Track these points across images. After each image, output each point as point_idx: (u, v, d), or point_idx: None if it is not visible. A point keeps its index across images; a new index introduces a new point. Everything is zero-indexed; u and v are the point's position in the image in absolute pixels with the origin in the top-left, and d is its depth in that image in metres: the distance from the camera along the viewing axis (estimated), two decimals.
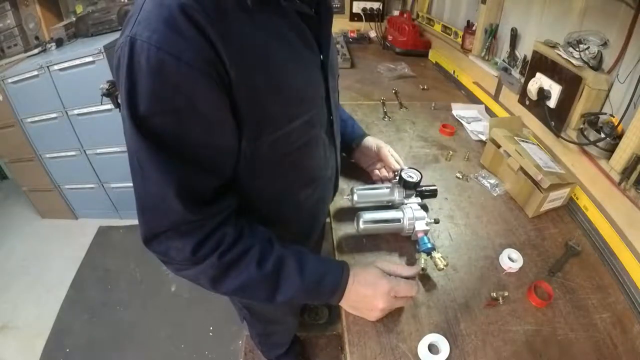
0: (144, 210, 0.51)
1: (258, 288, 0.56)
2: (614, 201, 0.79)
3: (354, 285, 0.60)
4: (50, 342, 1.64)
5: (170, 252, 0.52)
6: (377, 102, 1.42)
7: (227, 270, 0.54)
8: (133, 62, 0.42)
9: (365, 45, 2.16)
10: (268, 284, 0.56)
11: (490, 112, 1.34)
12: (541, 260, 0.78)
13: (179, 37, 0.42)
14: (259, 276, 0.55)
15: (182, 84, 0.43)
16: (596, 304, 0.70)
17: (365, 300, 0.61)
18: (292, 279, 0.57)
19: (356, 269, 0.62)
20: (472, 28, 1.48)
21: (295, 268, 0.57)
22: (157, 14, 0.42)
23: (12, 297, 1.85)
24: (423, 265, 0.72)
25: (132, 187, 0.50)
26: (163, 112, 0.45)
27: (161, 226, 0.50)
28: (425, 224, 0.77)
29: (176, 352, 1.57)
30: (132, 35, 0.42)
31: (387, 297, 0.60)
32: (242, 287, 0.55)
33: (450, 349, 0.61)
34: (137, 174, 0.48)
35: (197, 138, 0.48)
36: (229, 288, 0.56)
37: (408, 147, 1.15)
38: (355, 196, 0.83)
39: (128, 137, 0.47)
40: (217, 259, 0.52)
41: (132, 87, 0.43)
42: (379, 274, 0.62)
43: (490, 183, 0.99)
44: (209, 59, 0.43)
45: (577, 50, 0.87)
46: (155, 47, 0.41)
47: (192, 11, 0.42)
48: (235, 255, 0.54)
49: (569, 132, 0.93)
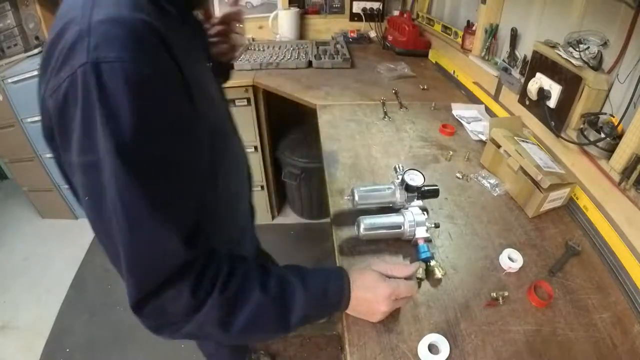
0: (134, 268, 0.44)
1: (269, 316, 0.51)
2: (614, 201, 0.79)
3: (353, 292, 0.58)
4: (50, 342, 1.64)
5: (167, 308, 0.45)
6: (377, 102, 1.42)
7: (233, 305, 0.48)
8: (106, 89, 0.37)
9: (365, 45, 2.16)
10: (277, 307, 0.52)
11: (490, 112, 1.34)
12: (541, 260, 0.78)
13: (151, 50, 0.40)
14: (266, 301, 0.50)
15: (166, 97, 0.41)
16: (596, 304, 0.70)
17: (366, 305, 0.59)
18: (298, 295, 0.53)
19: (354, 274, 0.59)
20: (472, 28, 1.48)
21: (299, 283, 0.54)
22: (118, 33, 0.38)
23: (12, 297, 1.85)
24: (420, 275, 0.72)
25: (107, 250, 0.44)
26: (155, 131, 0.40)
27: (157, 278, 0.44)
28: (425, 230, 0.77)
29: (176, 352, 1.57)
30: (93, 60, 0.36)
31: (389, 300, 0.58)
32: (254, 320, 0.49)
33: (450, 349, 0.61)
34: (122, 226, 0.41)
35: (183, 154, 0.44)
36: (240, 326, 0.49)
37: (408, 147, 1.15)
38: (356, 197, 0.83)
39: (110, 181, 0.39)
40: (219, 294, 0.47)
41: (112, 116, 0.37)
42: (378, 277, 0.59)
43: (490, 183, 0.99)
44: (174, 69, 0.42)
45: (577, 50, 0.87)
46: (132, 63, 0.37)
47: (152, 24, 0.40)
48: (236, 286, 0.49)
49: (569, 132, 0.93)
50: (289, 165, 1.98)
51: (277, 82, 1.60)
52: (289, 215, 2.34)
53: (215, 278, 0.47)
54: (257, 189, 2.09)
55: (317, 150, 1.19)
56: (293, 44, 2.01)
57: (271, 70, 1.73)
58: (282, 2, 2.12)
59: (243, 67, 1.73)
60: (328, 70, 1.75)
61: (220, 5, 2.14)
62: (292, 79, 1.64)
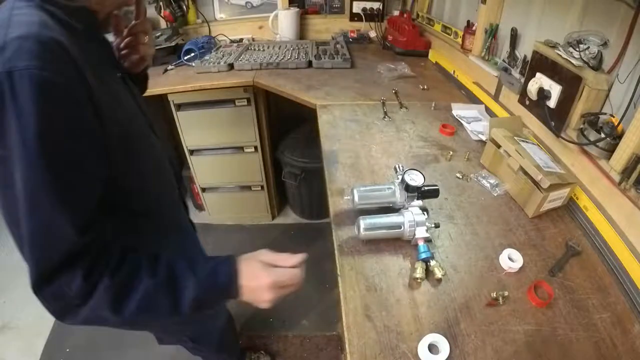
0: (33, 251, 0.49)
1: (159, 298, 0.56)
2: (614, 201, 0.79)
3: (241, 280, 0.61)
4: (50, 342, 1.65)
5: (64, 292, 0.50)
6: (377, 102, 1.42)
7: (124, 290, 0.53)
8: (16, 92, 0.43)
9: (365, 45, 2.16)
10: (167, 290, 0.56)
11: (490, 112, 1.34)
12: (541, 260, 0.78)
13: (56, 61, 0.46)
14: (156, 284, 0.55)
15: (69, 101, 0.47)
16: (596, 304, 0.70)
17: (252, 293, 0.61)
18: (187, 279, 0.57)
19: (240, 264, 0.62)
20: (472, 28, 1.48)
21: (187, 267, 0.58)
22: (29, 46, 0.45)
23: (12, 297, 1.85)
24: (420, 275, 0.72)
25: (14, 238, 0.49)
26: (57, 130, 0.47)
27: (52, 262, 0.49)
28: (425, 230, 0.77)
29: (176, 351, 1.57)
30: (7, 70, 0.43)
31: (272, 289, 0.60)
32: (144, 302, 0.54)
33: (450, 349, 0.61)
34: (24, 212, 0.47)
35: (82, 153, 0.50)
36: (132, 308, 0.54)
37: (408, 147, 1.15)
38: (355, 197, 0.83)
39: (17, 171, 0.45)
40: (109, 279, 0.52)
41: (21, 114, 0.44)
42: (261, 266, 0.62)
43: (490, 183, 0.99)
44: (77, 78, 0.49)
45: (577, 50, 0.87)
46: (39, 70, 0.44)
47: (59, 40, 0.47)
48: (126, 272, 0.54)
49: (569, 132, 0.93)
50: (289, 165, 1.98)
51: (277, 82, 1.60)
52: (289, 215, 2.34)
53: (107, 265, 0.53)
54: (257, 189, 2.09)
55: (317, 150, 1.19)
56: (293, 44, 2.01)
57: (271, 70, 1.73)
58: (282, 2, 2.12)
59: (243, 67, 1.73)
60: (328, 70, 1.75)
61: (220, 5, 2.15)
62: (292, 79, 1.64)
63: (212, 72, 1.70)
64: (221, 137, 1.87)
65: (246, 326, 1.70)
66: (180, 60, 1.78)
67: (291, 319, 1.73)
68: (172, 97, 1.69)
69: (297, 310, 1.75)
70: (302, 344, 1.63)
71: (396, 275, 0.75)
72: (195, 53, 1.79)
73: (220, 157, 1.94)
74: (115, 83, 0.66)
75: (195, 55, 1.79)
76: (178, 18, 1.96)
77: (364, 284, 0.72)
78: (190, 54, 1.79)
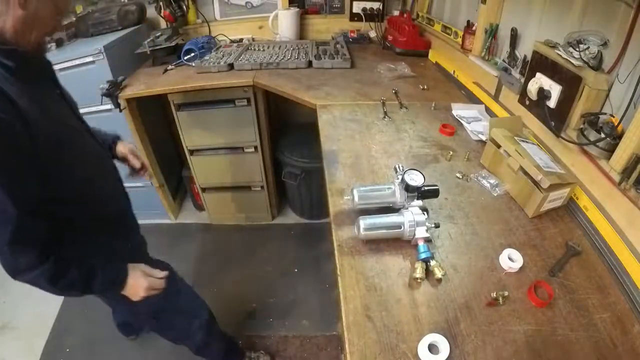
0: None
1: (78, 282, 0.79)
2: (614, 201, 0.79)
3: (128, 278, 0.87)
4: (50, 342, 1.65)
5: (18, 259, 0.70)
6: (377, 102, 1.42)
7: (59, 271, 0.75)
8: None
9: (365, 45, 2.16)
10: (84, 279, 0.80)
11: (490, 112, 1.34)
12: (541, 260, 0.78)
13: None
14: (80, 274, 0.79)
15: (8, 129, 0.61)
16: (596, 304, 0.70)
17: (132, 289, 0.88)
18: (97, 275, 0.81)
19: (130, 270, 0.88)
20: (472, 28, 1.48)
21: (101, 267, 0.82)
22: None
23: (12, 297, 1.85)
24: (420, 275, 0.72)
25: None
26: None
27: (6, 235, 0.66)
28: (425, 230, 0.77)
29: (176, 351, 1.57)
30: None
31: (144, 289, 0.89)
32: (69, 283, 0.77)
33: (450, 349, 0.61)
34: None
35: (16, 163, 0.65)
36: (61, 286, 0.76)
37: (408, 147, 1.15)
38: (355, 197, 0.83)
39: None
40: (53, 263, 0.73)
41: None
42: (141, 274, 0.89)
43: (490, 183, 0.99)
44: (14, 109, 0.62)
45: (577, 50, 0.87)
46: None
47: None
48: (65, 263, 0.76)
49: (569, 132, 0.93)
50: (289, 165, 1.98)
51: (277, 82, 1.60)
52: (289, 215, 2.34)
53: (53, 253, 0.73)
54: (257, 189, 2.09)
55: (317, 150, 1.19)
56: (293, 44, 2.01)
57: (271, 70, 1.73)
58: (282, 2, 2.12)
59: (243, 67, 1.73)
60: (328, 70, 1.75)
61: (220, 5, 2.15)
62: (292, 79, 1.64)
63: (212, 72, 1.70)
64: (221, 137, 1.87)
65: (246, 326, 1.70)
66: (180, 60, 1.79)
67: (291, 319, 1.73)
68: (172, 97, 1.69)
69: (297, 310, 1.76)
70: (302, 344, 1.63)
71: (396, 275, 0.75)
72: (195, 53, 1.79)
73: (220, 157, 1.94)
74: (54, 99, 0.79)
75: (195, 55, 1.79)
76: (178, 18, 1.96)
77: (364, 284, 0.72)
78: (190, 54, 1.79)
